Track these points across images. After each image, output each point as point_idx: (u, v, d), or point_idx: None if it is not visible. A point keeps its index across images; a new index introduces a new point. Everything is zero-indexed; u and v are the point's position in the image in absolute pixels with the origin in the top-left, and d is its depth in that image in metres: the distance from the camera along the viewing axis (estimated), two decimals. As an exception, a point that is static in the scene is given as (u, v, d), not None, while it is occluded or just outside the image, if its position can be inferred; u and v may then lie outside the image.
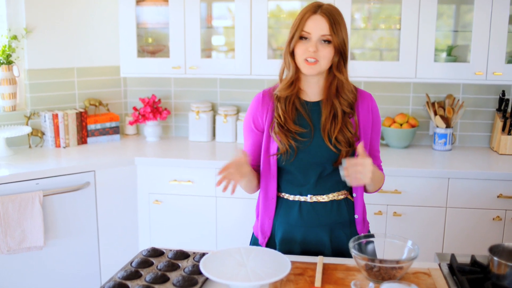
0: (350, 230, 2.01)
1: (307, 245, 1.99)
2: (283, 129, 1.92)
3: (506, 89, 3.45)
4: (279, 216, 2.00)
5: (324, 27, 1.85)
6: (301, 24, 1.87)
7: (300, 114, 1.95)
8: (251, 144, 2.04)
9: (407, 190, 3.04)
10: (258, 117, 2.00)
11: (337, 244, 1.99)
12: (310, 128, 1.93)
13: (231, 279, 1.62)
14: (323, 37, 1.86)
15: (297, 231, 1.98)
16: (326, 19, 1.85)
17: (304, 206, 1.96)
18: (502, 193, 2.97)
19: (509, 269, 1.62)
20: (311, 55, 1.86)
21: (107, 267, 3.22)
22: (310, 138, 1.93)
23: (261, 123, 2.00)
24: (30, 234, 2.89)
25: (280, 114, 1.93)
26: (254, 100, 2.03)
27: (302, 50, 1.87)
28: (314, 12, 1.86)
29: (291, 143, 1.92)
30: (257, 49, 3.34)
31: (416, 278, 1.75)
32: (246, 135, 2.06)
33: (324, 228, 1.97)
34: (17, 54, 3.44)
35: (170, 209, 3.28)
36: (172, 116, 3.88)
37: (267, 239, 2.04)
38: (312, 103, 1.97)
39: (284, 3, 3.53)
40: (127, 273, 1.76)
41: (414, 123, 3.49)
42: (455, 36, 3.47)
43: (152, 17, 3.60)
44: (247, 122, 2.04)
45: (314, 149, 1.92)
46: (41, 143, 3.51)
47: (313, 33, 1.86)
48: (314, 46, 1.86)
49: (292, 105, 1.95)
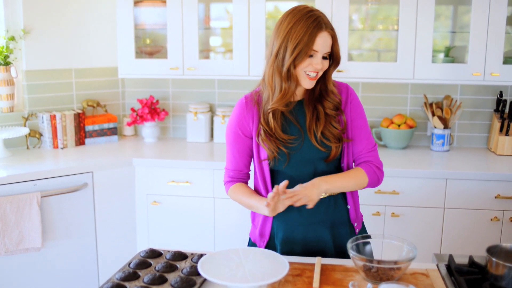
0: (349, 228, 2.02)
1: (308, 244, 1.99)
2: (272, 137, 1.91)
3: (503, 90, 3.45)
4: (278, 217, 2.00)
5: (329, 44, 1.85)
6: (310, 42, 1.80)
7: (289, 120, 1.94)
8: (237, 150, 2.01)
9: (405, 191, 3.04)
10: (244, 123, 1.97)
11: (339, 243, 2.00)
12: (300, 133, 1.93)
13: (229, 280, 1.62)
14: (326, 53, 1.86)
15: (298, 229, 1.99)
16: (331, 36, 1.85)
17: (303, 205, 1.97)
18: (500, 194, 2.97)
19: (507, 270, 1.62)
20: (315, 70, 1.85)
21: (105, 268, 3.22)
22: (300, 141, 1.93)
23: (248, 129, 1.97)
24: (28, 235, 2.88)
25: (271, 124, 1.91)
26: (237, 107, 1.99)
27: (306, 65, 1.84)
28: (320, 28, 1.81)
29: (282, 149, 1.91)
30: (255, 50, 3.34)
31: (414, 278, 1.75)
32: (230, 143, 2.02)
33: (325, 225, 1.97)
34: (15, 55, 3.44)
35: (168, 210, 3.27)
36: (170, 117, 3.88)
37: (266, 242, 2.04)
38: (296, 102, 1.96)
39: (282, 4, 3.53)
40: (125, 274, 1.76)
41: (412, 124, 3.49)
42: (452, 37, 3.47)
43: (150, 18, 3.60)
44: (232, 129, 1.99)
45: (305, 150, 1.93)
46: (39, 144, 3.51)
47: (320, 51, 1.84)
48: (320, 63, 1.84)
49: (281, 114, 1.93)
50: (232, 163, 2.04)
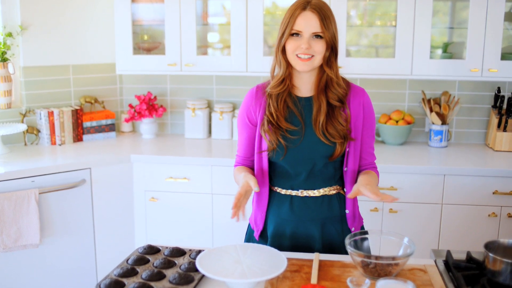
0: (341, 225, 2.02)
1: (297, 240, 2.00)
2: (273, 126, 1.93)
3: (501, 86, 3.45)
4: (272, 210, 2.02)
5: (315, 24, 1.85)
6: (291, 22, 1.87)
7: (292, 112, 1.96)
8: (246, 138, 2.05)
9: (403, 186, 3.04)
10: (251, 111, 2.01)
11: (328, 239, 2.00)
12: (301, 126, 1.94)
13: (227, 276, 1.62)
14: (315, 33, 1.86)
15: (288, 225, 2.00)
16: (317, 15, 1.85)
17: (296, 200, 1.98)
18: (497, 190, 2.98)
19: (504, 265, 1.63)
20: (304, 51, 1.86)
21: (103, 264, 3.22)
22: (300, 136, 1.93)
23: (254, 117, 2.01)
24: (26, 232, 2.88)
25: (272, 111, 1.94)
26: (247, 95, 2.04)
27: (293, 47, 1.88)
28: (303, 8, 1.86)
29: (281, 141, 1.93)
30: (253, 46, 3.34)
31: (412, 274, 1.75)
32: (240, 130, 2.08)
33: (315, 223, 1.98)
34: (12, 52, 3.43)
35: (166, 207, 3.27)
36: (168, 113, 3.88)
37: (260, 232, 2.06)
38: (304, 98, 1.97)
39: (280, 0, 3.52)
40: (123, 270, 1.76)
41: (410, 120, 3.49)
42: (450, 33, 3.47)
43: (147, 14, 3.59)
44: (241, 116, 2.05)
45: (305, 146, 1.93)
46: (36, 140, 3.50)
47: (304, 30, 1.86)
48: (306, 43, 1.86)
49: (284, 102, 1.95)
50: (240, 149, 2.09)
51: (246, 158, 2.08)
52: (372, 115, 2.01)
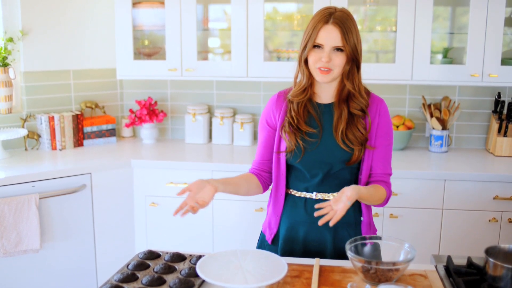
0: (354, 231, 2.03)
1: (309, 245, 2.01)
2: (293, 128, 1.97)
3: (501, 91, 3.46)
4: (286, 212, 2.04)
5: (336, 38, 1.87)
6: (313, 34, 1.89)
7: (311, 116, 1.99)
8: (264, 140, 2.10)
9: (403, 192, 3.04)
10: (271, 115, 2.06)
11: (339, 244, 2.00)
12: (319, 129, 1.97)
13: (227, 281, 1.62)
14: (336, 47, 1.88)
15: (301, 228, 2.01)
16: (338, 29, 1.87)
17: (310, 203, 1.98)
18: (498, 195, 2.97)
19: (505, 271, 1.62)
20: (324, 64, 1.89)
21: (104, 269, 3.22)
22: (318, 139, 1.96)
23: (274, 121, 2.06)
24: (26, 236, 2.88)
25: (293, 115, 1.98)
26: (269, 101, 2.11)
27: (315, 59, 1.90)
28: (326, 22, 1.88)
29: (299, 143, 1.96)
30: (254, 51, 3.34)
31: (412, 280, 1.75)
32: (260, 133, 2.13)
33: (328, 227, 1.97)
34: (13, 57, 3.44)
35: (167, 212, 3.27)
36: (168, 118, 3.88)
37: (273, 236, 2.07)
38: (324, 105, 2.01)
39: (281, 6, 3.53)
40: (123, 275, 1.76)
41: (410, 125, 3.49)
42: (451, 38, 3.48)
43: (148, 19, 3.60)
44: (262, 120, 2.11)
45: (322, 149, 1.95)
46: (37, 145, 3.50)
47: (325, 44, 1.88)
48: (327, 56, 1.88)
49: (304, 108, 1.99)
50: (258, 154, 2.12)
51: (262, 162, 2.10)
52: (387, 124, 2.01)
